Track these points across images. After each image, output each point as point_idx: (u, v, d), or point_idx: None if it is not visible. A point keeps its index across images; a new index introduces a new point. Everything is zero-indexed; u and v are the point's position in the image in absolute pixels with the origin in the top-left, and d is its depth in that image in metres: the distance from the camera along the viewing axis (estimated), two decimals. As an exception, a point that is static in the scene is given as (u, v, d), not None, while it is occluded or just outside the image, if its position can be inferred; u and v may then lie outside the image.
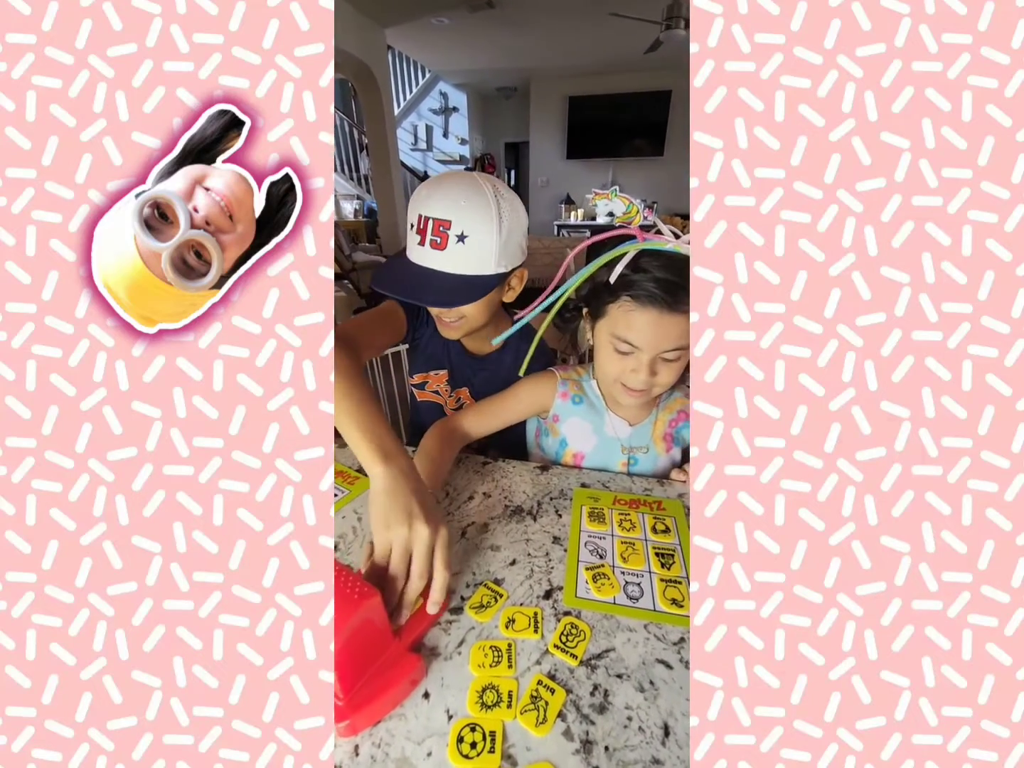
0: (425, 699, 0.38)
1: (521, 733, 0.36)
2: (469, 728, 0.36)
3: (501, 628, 0.44)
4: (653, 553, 0.54)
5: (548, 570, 0.52)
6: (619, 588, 0.49)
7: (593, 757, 0.35)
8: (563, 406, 0.73)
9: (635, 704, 0.38)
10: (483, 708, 0.37)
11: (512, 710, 0.37)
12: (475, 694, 0.38)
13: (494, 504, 0.63)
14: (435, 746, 0.35)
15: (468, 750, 0.34)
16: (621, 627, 0.45)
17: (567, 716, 0.37)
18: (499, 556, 0.54)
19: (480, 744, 0.34)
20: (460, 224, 0.63)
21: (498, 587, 0.49)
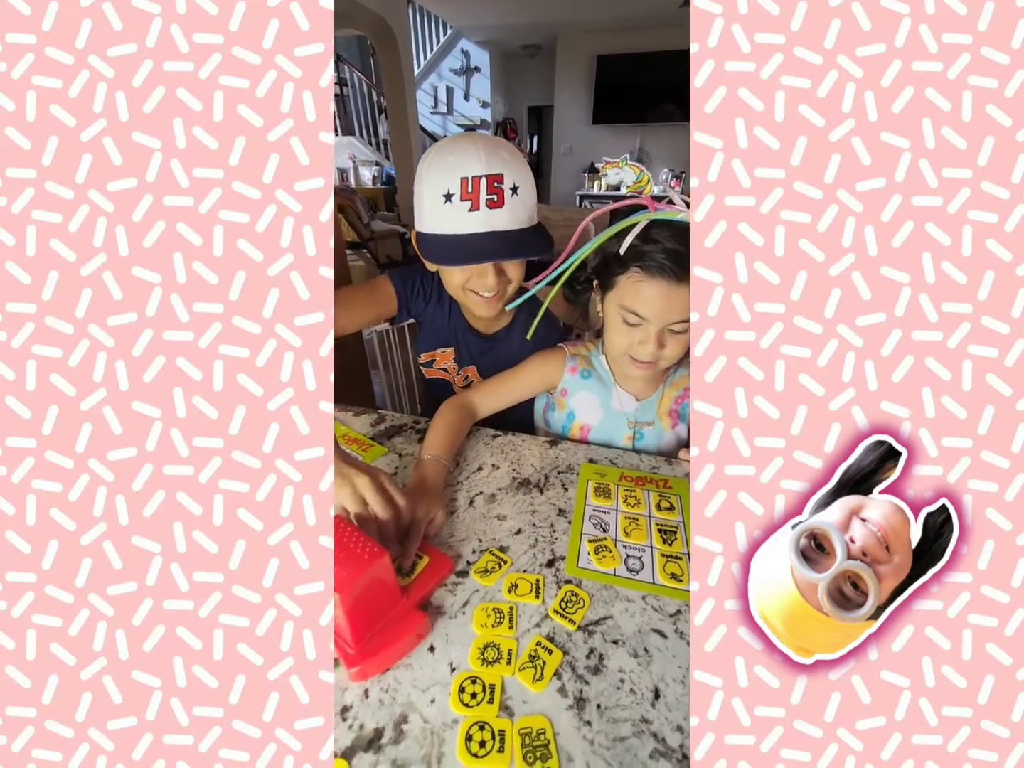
0: (430, 652, 0.41)
1: (518, 687, 0.38)
2: (470, 680, 0.38)
3: (504, 592, 0.46)
4: (656, 529, 0.55)
5: (552, 540, 0.53)
6: (620, 560, 0.50)
7: (585, 713, 0.37)
8: (572, 380, 0.74)
9: (628, 668, 0.40)
10: (484, 663, 0.39)
11: (511, 667, 0.39)
12: (477, 650, 0.40)
13: (502, 476, 0.64)
14: (438, 694, 0.38)
15: (468, 699, 0.37)
16: (620, 597, 0.47)
17: (563, 675, 0.39)
18: (505, 525, 0.55)
19: (480, 695, 0.37)
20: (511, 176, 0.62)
21: (503, 554, 0.51)
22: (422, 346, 0.86)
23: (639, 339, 0.61)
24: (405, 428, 0.75)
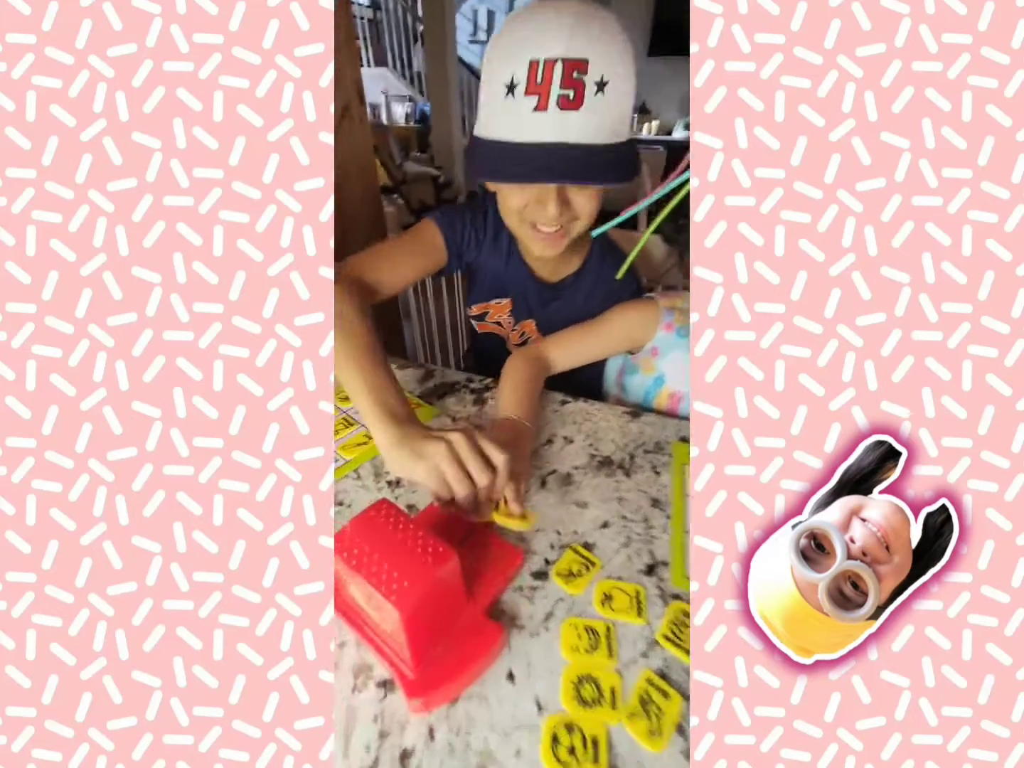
0: (510, 681, 0.33)
1: (630, 744, 0.30)
2: (565, 728, 0.30)
3: (596, 605, 0.38)
4: None
5: (649, 539, 0.44)
6: None
7: None
8: (666, 338, 0.62)
9: None
10: (581, 704, 0.32)
11: (617, 712, 0.31)
12: (570, 685, 0.32)
13: (577, 452, 0.54)
14: (524, 742, 0.30)
15: (566, 755, 0.29)
16: None
17: (686, 731, 0.31)
18: (587, 515, 0.46)
19: (580, 750, 0.29)
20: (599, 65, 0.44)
21: (589, 553, 0.42)
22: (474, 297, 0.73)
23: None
24: (458, 387, 0.64)
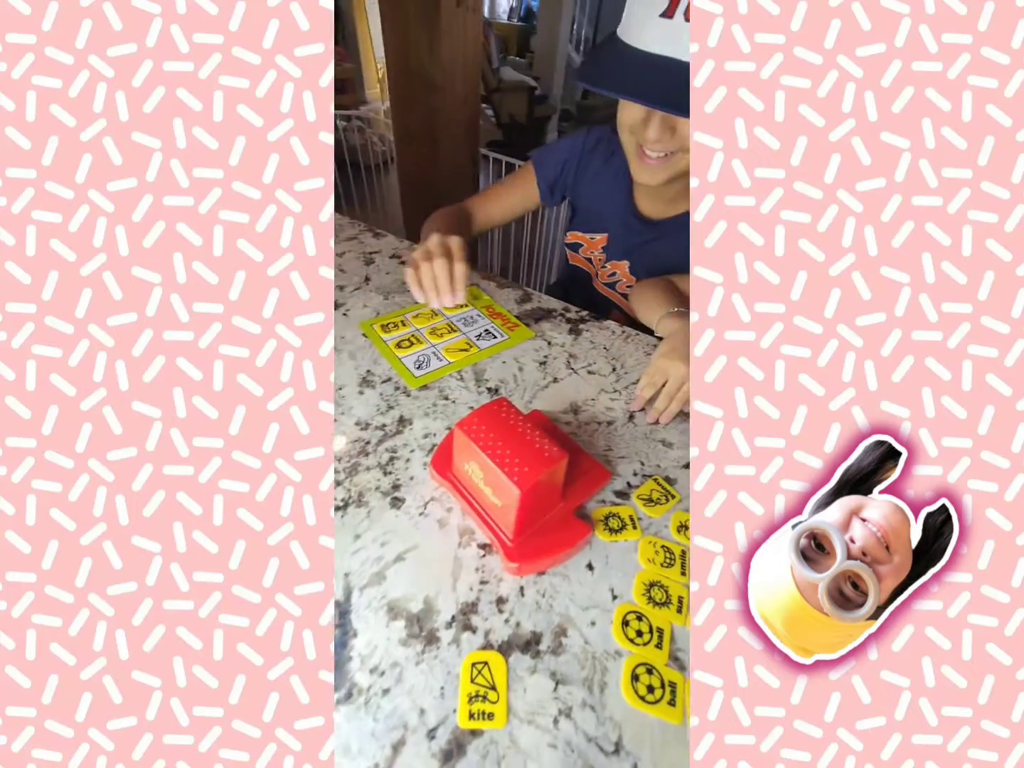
0: (589, 570, 0.38)
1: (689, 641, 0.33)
2: (635, 616, 0.35)
3: (672, 531, 0.41)
4: None
5: None
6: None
7: None
8: None
9: None
10: (651, 603, 0.36)
11: (683, 615, 0.35)
12: (642, 585, 0.37)
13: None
14: (599, 618, 0.35)
15: (634, 635, 0.33)
16: None
17: None
18: (671, 454, 0.48)
19: (647, 635, 0.33)
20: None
21: (670, 487, 0.45)
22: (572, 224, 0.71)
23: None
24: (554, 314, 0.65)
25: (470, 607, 0.34)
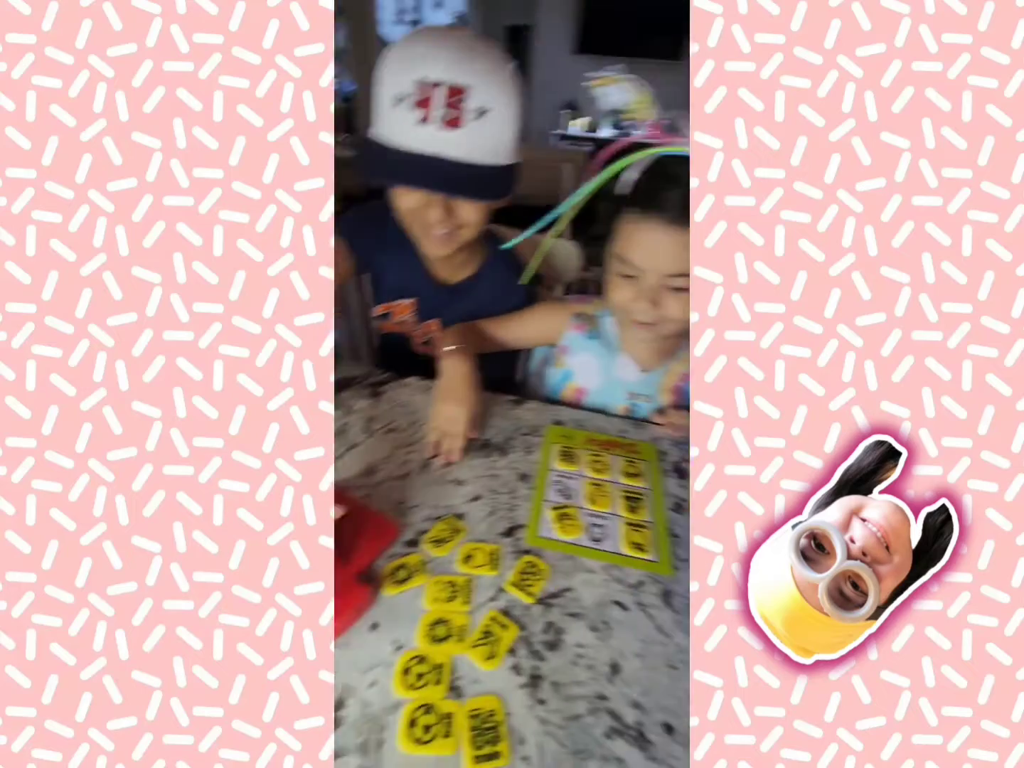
0: (373, 630, 0.38)
1: (469, 667, 0.36)
2: (416, 660, 0.35)
3: (458, 564, 0.43)
4: (622, 496, 0.52)
5: (512, 507, 0.50)
6: (583, 529, 0.48)
7: (539, 691, 0.35)
8: (575, 339, 0.68)
9: (587, 643, 0.39)
10: (433, 641, 0.37)
11: (463, 644, 0.37)
12: (425, 627, 0.38)
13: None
14: (381, 676, 0.35)
15: (414, 680, 0.34)
16: (580, 568, 0.45)
17: (517, 652, 0.37)
18: (461, 491, 0.52)
19: (427, 675, 0.34)
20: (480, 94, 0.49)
21: (458, 522, 0.48)
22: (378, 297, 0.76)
23: (632, 295, 0.54)
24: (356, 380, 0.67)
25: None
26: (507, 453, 0.57)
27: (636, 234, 0.52)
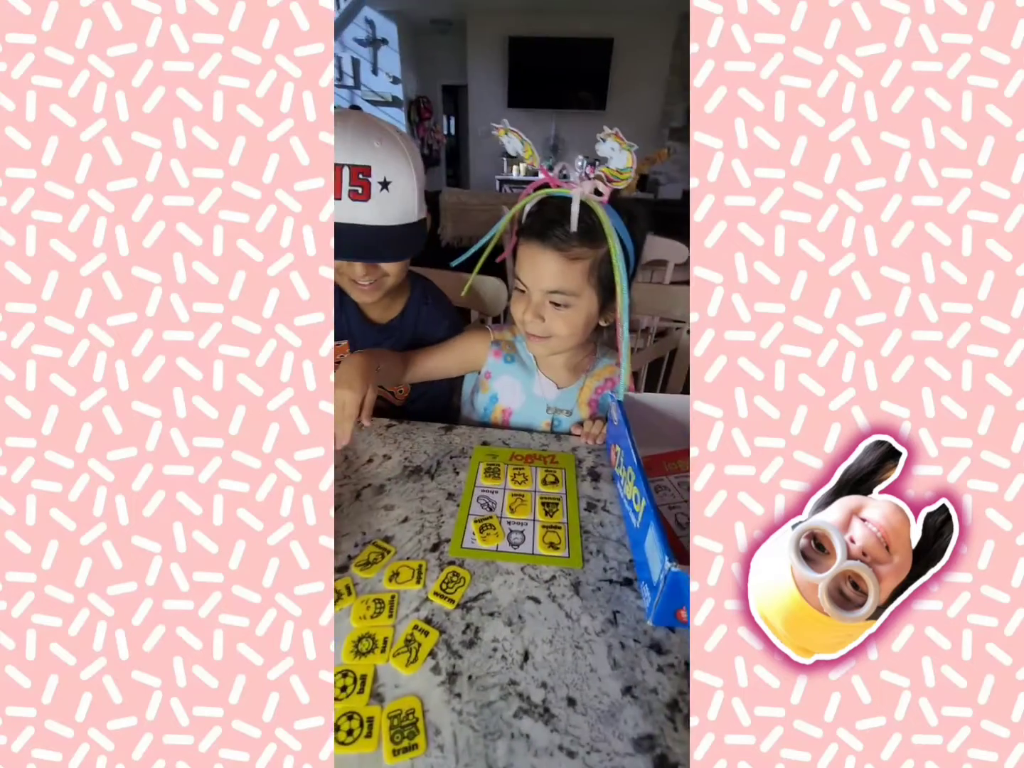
0: None
1: (392, 674, 0.38)
2: (340, 674, 0.38)
3: (385, 582, 0.46)
4: (540, 503, 0.56)
5: (438, 524, 0.53)
6: (503, 536, 0.52)
7: (456, 686, 0.38)
8: (495, 364, 0.75)
9: (502, 637, 0.41)
10: (357, 656, 0.39)
11: (385, 654, 0.39)
12: (351, 644, 0.40)
13: (394, 466, 0.63)
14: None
15: (338, 693, 0.36)
16: (500, 571, 0.48)
17: (437, 654, 0.40)
18: (392, 515, 0.55)
19: (350, 687, 0.37)
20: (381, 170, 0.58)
21: (387, 544, 0.50)
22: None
23: (523, 308, 0.63)
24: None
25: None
26: (435, 476, 0.61)
27: (525, 255, 0.61)
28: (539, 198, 0.60)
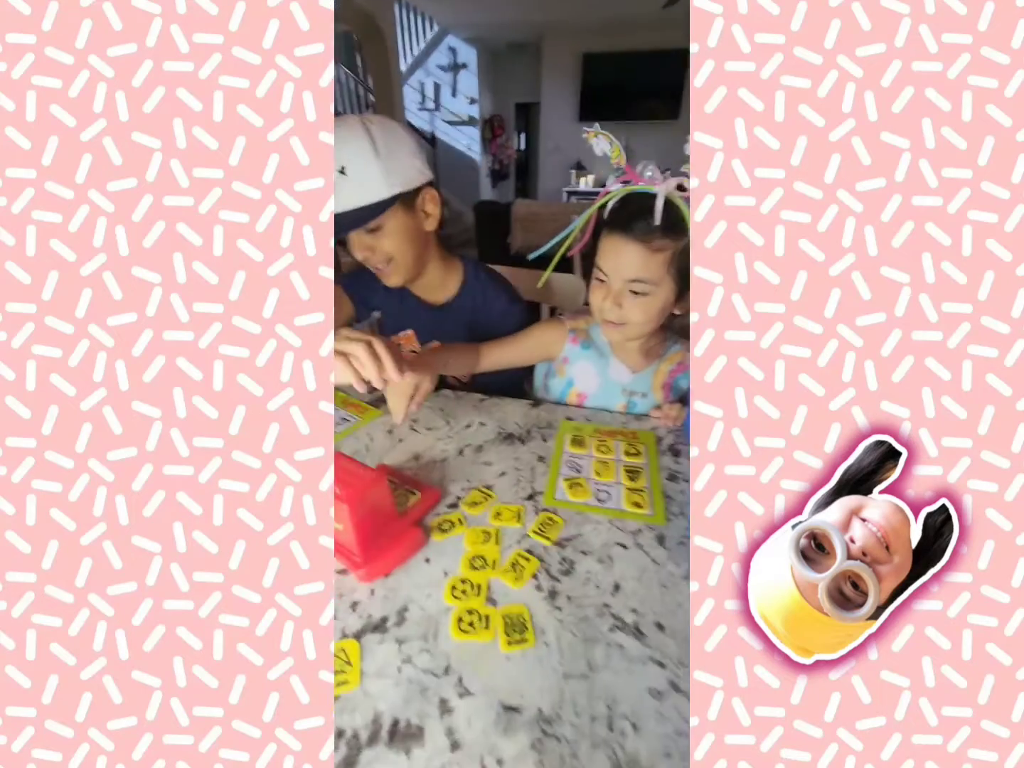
0: (427, 563, 0.49)
1: (501, 586, 0.46)
2: (460, 581, 0.46)
3: (490, 518, 0.54)
4: (623, 470, 0.62)
5: (532, 480, 0.61)
6: (591, 494, 0.58)
7: (557, 602, 0.44)
8: (572, 350, 0.80)
9: (594, 571, 0.48)
10: (472, 569, 0.48)
11: (496, 571, 0.47)
12: (467, 560, 0.49)
13: (489, 431, 0.71)
14: (434, 591, 0.45)
15: (459, 594, 0.45)
16: (589, 520, 0.54)
17: (539, 577, 0.47)
18: (491, 469, 0.63)
19: (469, 591, 0.45)
20: (339, 160, 0.64)
21: (488, 491, 0.58)
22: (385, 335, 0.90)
23: (603, 296, 0.67)
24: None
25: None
26: (526, 442, 0.69)
27: (607, 247, 0.65)
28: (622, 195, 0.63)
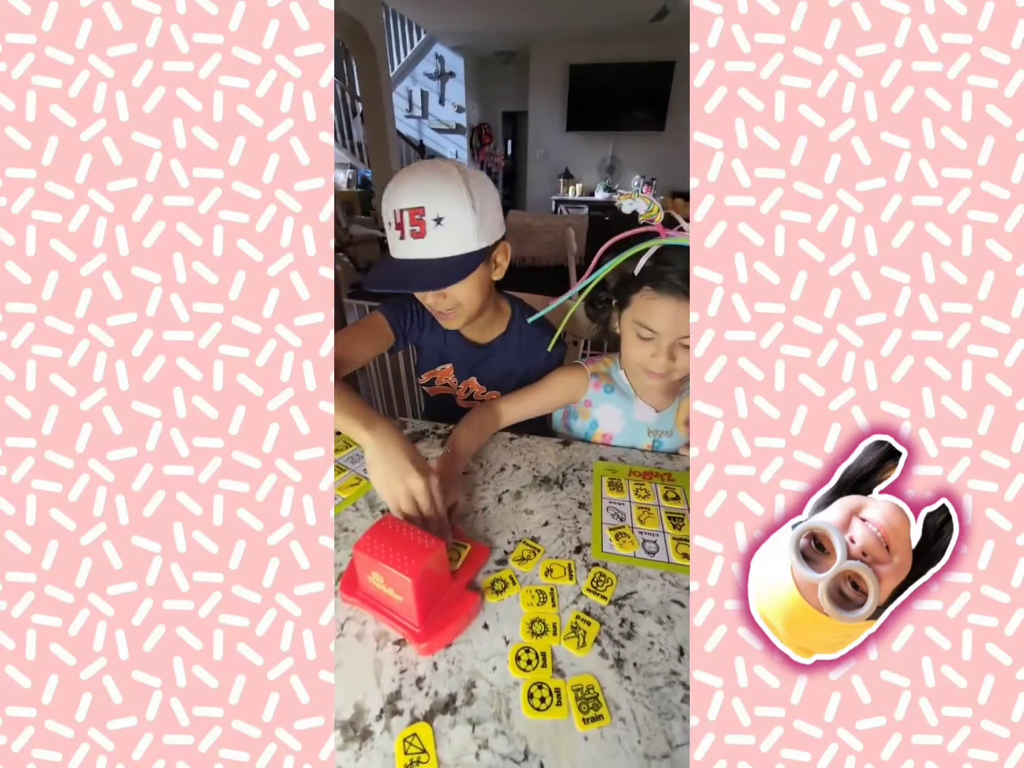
0: (485, 629, 0.47)
1: (565, 654, 0.44)
2: (524, 650, 0.44)
3: (541, 576, 0.52)
4: (666, 516, 0.62)
5: (576, 530, 0.60)
6: (638, 544, 0.57)
7: (624, 670, 0.43)
8: (596, 394, 0.81)
9: (656, 633, 0.47)
10: (534, 636, 0.46)
11: (557, 637, 0.46)
12: (526, 625, 0.47)
13: (523, 475, 0.70)
14: (498, 663, 0.44)
15: (525, 665, 0.43)
16: (641, 575, 0.53)
17: (601, 641, 0.46)
18: (533, 519, 0.62)
19: (534, 661, 0.43)
20: (434, 208, 0.65)
21: (535, 544, 0.57)
22: (421, 367, 0.90)
23: (651, 352, 0.68)
24: (427, 434, 0.80)
25: (395, 695, 0.40)
26: (564, 487, 0.68)
27: (653, 306, 0.65)
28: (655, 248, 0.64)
